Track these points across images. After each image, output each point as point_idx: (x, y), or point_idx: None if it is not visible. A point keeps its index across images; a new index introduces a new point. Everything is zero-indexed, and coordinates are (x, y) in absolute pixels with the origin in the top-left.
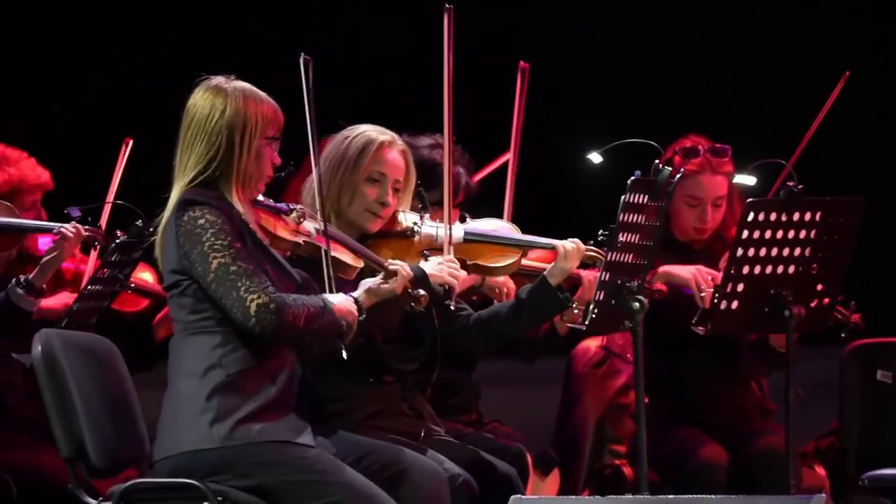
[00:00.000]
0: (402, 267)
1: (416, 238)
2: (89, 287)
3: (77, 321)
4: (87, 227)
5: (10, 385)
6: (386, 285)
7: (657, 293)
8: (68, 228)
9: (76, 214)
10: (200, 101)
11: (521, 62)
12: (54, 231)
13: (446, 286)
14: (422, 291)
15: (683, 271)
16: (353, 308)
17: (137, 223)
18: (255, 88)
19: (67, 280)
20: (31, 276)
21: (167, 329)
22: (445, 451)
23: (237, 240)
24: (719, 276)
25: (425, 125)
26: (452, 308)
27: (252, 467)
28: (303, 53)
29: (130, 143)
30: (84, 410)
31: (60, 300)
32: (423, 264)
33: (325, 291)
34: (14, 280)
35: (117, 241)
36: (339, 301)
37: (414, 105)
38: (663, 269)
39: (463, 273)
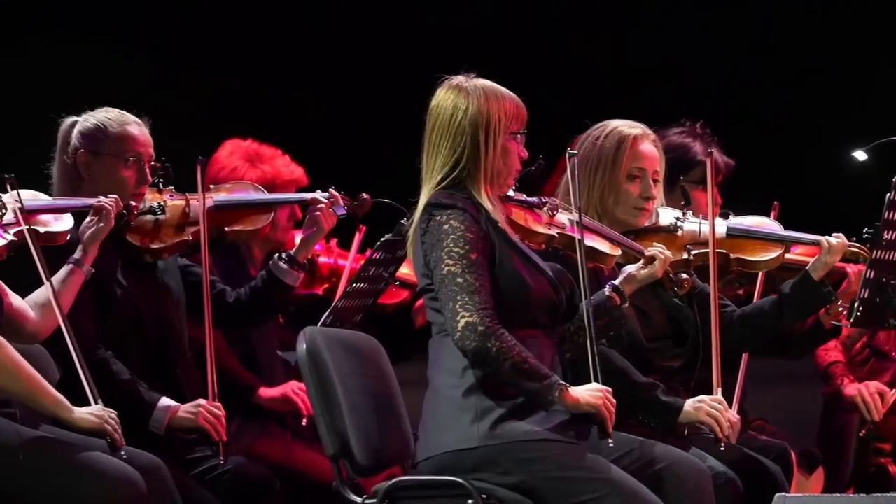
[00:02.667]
0: (662, 250)
1: (679, 233)
2: (354, 285)
3: (342, 319)
4: (352, 198)
5: (273, 384)
6: (645, 270)
7: None
8: (324, 198)
9: (340, 213)
10: (442, 102)
11: None
12: (311, 203)
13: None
14: (684, 275)
15: None
16: (595, 398)
17: (402, 221)
18: (495, 85)
19: (324, 276)
20: (293, 251)
21: (425, 317)
22: (709, 448)
23: (475, 250)
24: None
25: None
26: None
27: (514, 464)
28: None
29: None
30: (348, 408)
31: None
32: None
33: (579, 284)
34: (277, 255)
35: (382, 239)
36: (583, 392)
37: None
38: None
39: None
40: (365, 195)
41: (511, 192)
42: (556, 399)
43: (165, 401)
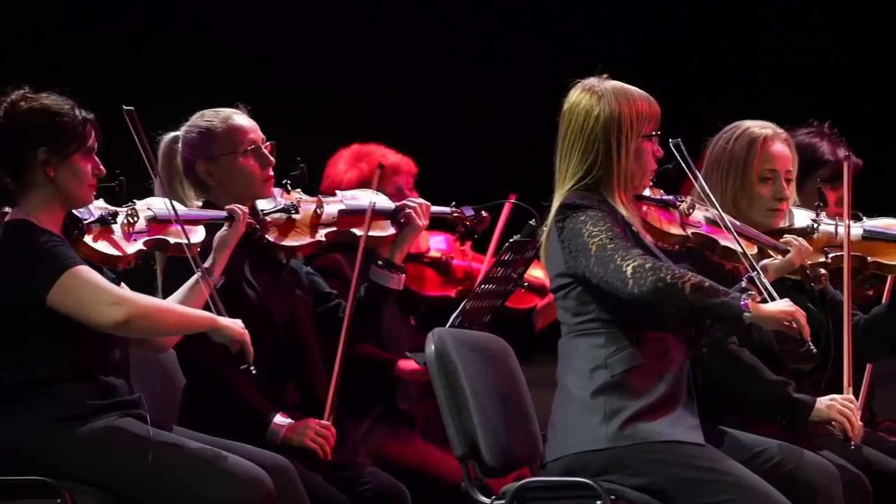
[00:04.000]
0: (798, 241)
1: (815, 235)
2: (483, 286)
3: (470, 320)
4: (465, 213)
5: (402, 385)
6: (781, 260)
7: None
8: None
9: (469, 213)
10: (575, 107)
11: None
12: (398, 205)
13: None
14: (822, 270)
15: None
16: (785, 309)
17: (531, 222)
18: (627, 86)
19: (458, 278)
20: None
21: (546, 319)
22: (837, 448)
23: (616, 226)
24: None
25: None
26: None
27: (644, 465)
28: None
29: None
30: (477, 409)
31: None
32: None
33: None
34: (374, 263)
35: (511, 240)
36: (772, 305)
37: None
38: None
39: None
40: (484, 213)
41: (647, 192)
42: (745, 309)
43: (279, 420)
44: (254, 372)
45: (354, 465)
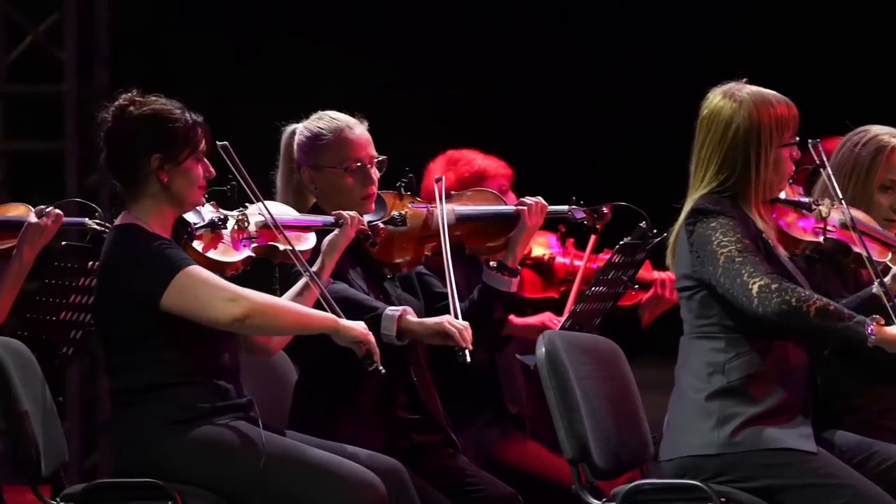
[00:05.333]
0: None
1: None
2: (593, 288)
3: (580, 322)
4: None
5: (510, 387)
6: None
7: None
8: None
9: (580, 216)
10: (715, 115)
11: None
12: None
13: None
14: None
15: None
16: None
17: (641, 225)
18: (765, 92)
19: (560, 278)
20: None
21: (652, 314)
22: None
23: (746, 238)
24: None
25: None
26: None
27: (757, 470)
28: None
29: None
30: (587, 411)
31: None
32: None
33: (846, 287)
34: (486, 265)
35: (622, 242)
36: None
37: None
38: None
39: None
40: (605, 208)
41: (782, 194)
42: (870, 332)
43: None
44: (383, 371)
45: (466, 471)
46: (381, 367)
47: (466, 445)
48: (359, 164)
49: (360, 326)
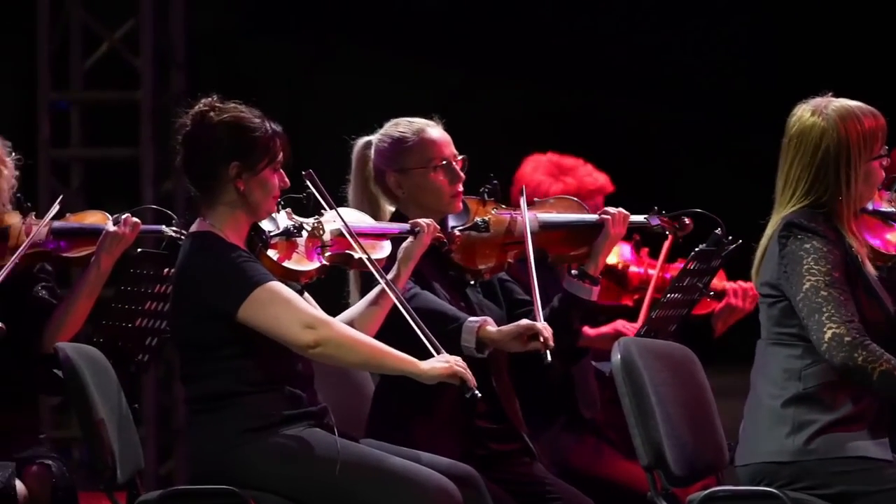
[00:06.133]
0: None
1: None
2: (668, 296)
3: (656, 329)
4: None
5: (587, 393)
6: None
7: None
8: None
9: (654, 223)
10: (804, 134)
11: None
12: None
13: None
14: None
15: None
16: None
17: (716, 231)
18: (851, 106)
19: (634, 286)
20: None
21: (725, 323)
22: None
23: (837, 269)
24: None
25: None
26: None
27: (831, 477)
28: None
29: None
30: (663, 418)
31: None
32: None
33: None
34: (568, 273)
35: (697, 249)
36: None
37: None
38: None
39: None
40: (687, 220)
41: (869, 206)
42: None
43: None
44: (479, 396)
45: (542, 479)
46: (477, 392)
47: (540, 450)
48: (444, 161)
49: (439, 364)
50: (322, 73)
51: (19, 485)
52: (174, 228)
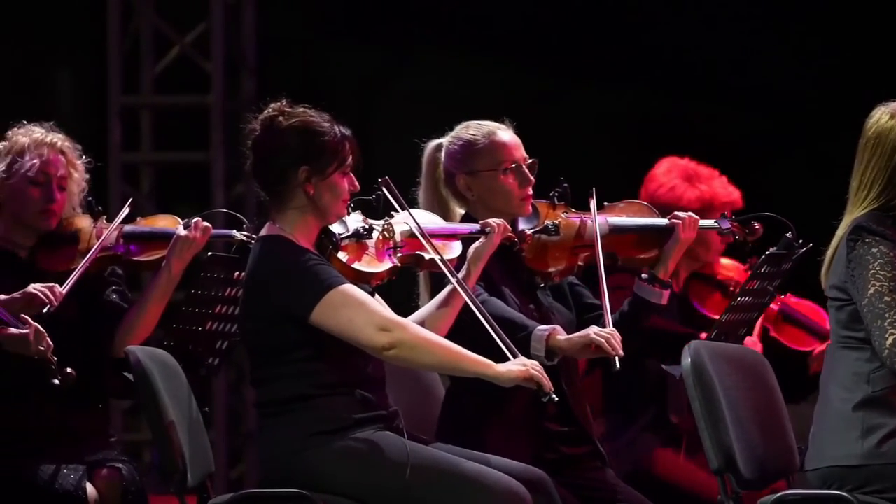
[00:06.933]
0: None
1: None
2: (739, 299)
3: (726, 332)
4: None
5: (678, 397)
6: None
7: None
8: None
9: (725, 227)
10: (883, 136)
11: None
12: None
13: None
14: None
15: None
16: None
17: (787, 235)
18: None
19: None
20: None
21: (820, 364)
22: None
23: None
24: None
25: None
26: None
27: None
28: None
29: None
30: (733, 422)
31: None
32: None
33: None
34: (639, 277)
35: (767, 252)
36: None
37: None
38: None
39: None
40: (757, 224)
41: None
42: None
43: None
44: (556, 400)
45: (613, 484)
46: (554, 396)
47: (620, 448)
48: (514, 164)
49: (516, 367)
50: (393, 76)
51: (90, 487)
52: (244, 233)
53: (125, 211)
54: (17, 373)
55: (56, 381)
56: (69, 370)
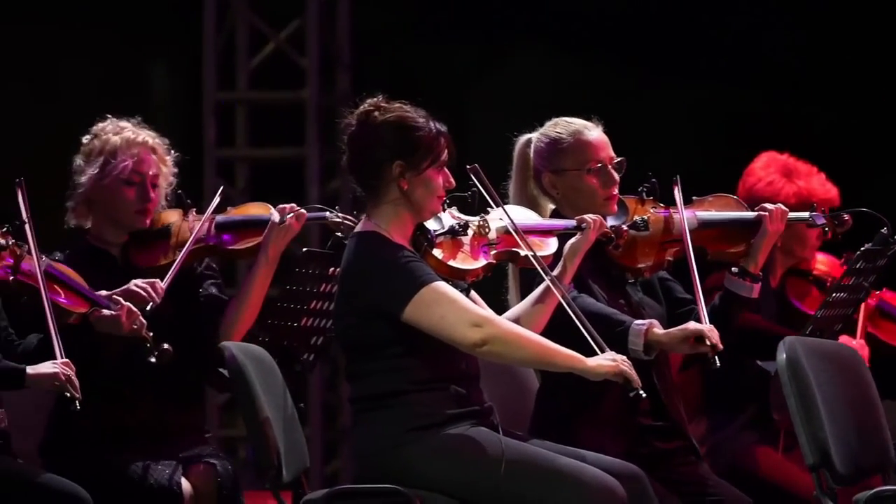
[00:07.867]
0: None
1: None
2: (834, 295)
3: (822, 328)
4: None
5: (780, 394)
6: None
7: None
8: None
9: (820, 222)
10: None
11: None
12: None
13: None
14: None
15: None
16: None
17: (883, 231)
18: None
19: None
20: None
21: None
22: None
23: None
24: None
25: None
26: None
27: None
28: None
29: None
30: (828, 418)
31: None
32: None
33: None
34: (729, 271)
35: (863, 248)
36: None
37: None
38: None
39: None
40: (846, 216)
41: None
42: None
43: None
44: (643, 396)
45: (707, 479)
46: (642, 392)
47: (719, 445)
48: (599, 164)
49: (606, 361)
50: (489, 72)
51: (185, 483)
52: (338, 214)
53: (216, 201)
54: (114, 371)
55: (153, 360)
56: (166, 346)
